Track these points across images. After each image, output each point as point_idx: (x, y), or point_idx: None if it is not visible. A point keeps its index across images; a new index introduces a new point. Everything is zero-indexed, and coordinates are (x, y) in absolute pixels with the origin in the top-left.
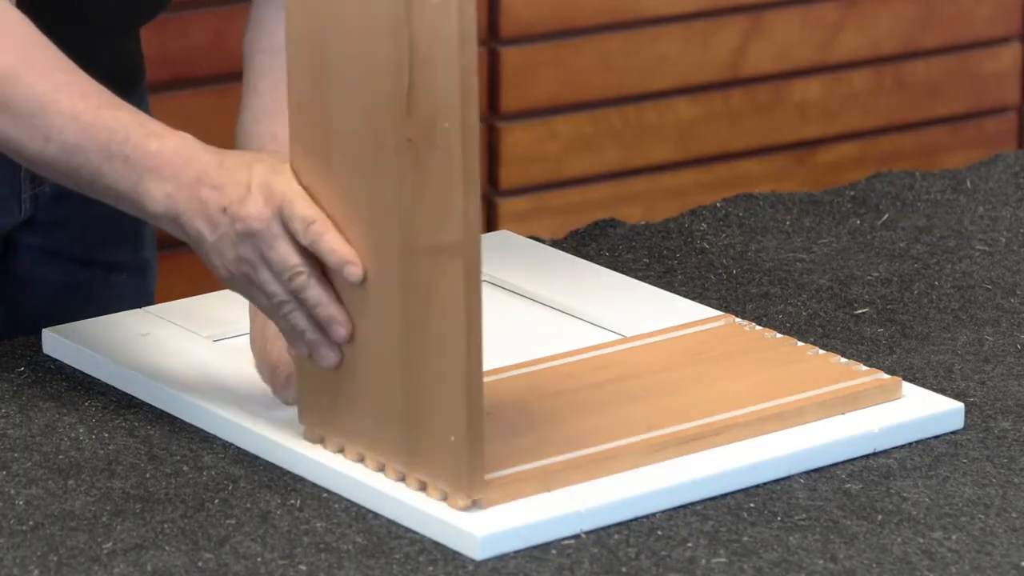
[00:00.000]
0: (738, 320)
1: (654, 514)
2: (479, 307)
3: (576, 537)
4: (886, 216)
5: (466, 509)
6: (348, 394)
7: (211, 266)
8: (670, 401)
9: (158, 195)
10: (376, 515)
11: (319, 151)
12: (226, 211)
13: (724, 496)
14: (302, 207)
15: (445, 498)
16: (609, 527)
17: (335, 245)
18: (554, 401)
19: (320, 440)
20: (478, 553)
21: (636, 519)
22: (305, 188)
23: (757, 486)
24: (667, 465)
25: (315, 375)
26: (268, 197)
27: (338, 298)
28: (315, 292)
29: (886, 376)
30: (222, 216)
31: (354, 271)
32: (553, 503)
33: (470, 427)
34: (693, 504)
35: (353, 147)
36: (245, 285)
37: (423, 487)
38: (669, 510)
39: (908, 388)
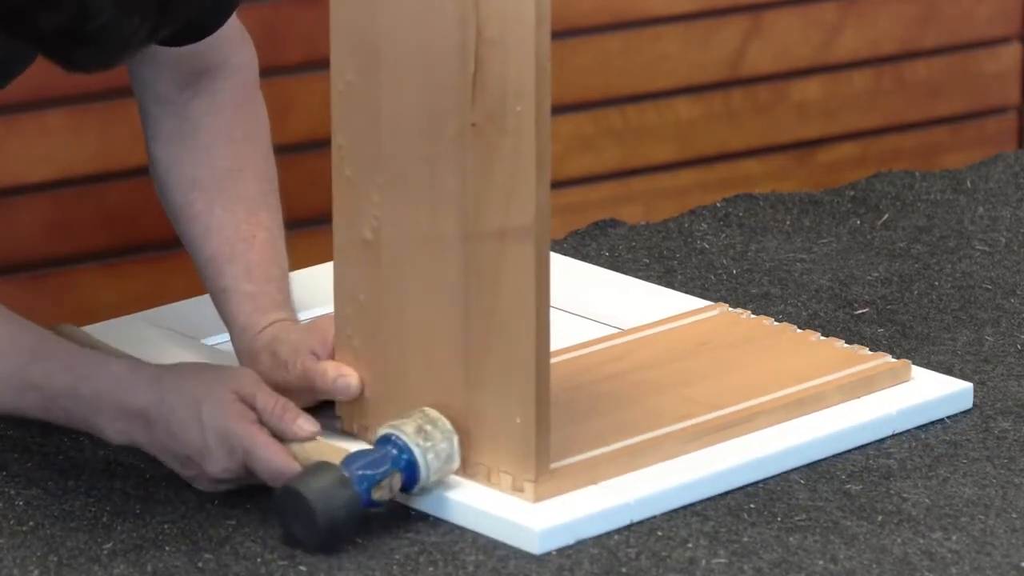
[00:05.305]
0: (730, 308)
1: (654, 516)
2: (548, 289)
3: (626, 528)
4: (886, 216)
5: (527, 491)
6: (397, 383)
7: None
8: (693, 391)
9: (111, 432)
10: (375, 515)
11: (367, 140)
12: (191, 459)
13: (724, 495)
14: (266, 457)
15: (505, 481)
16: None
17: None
18: (577, 394)
19: (362, 431)
20: (537, 547)
21: (639, 522)
22: (351, 180)
23: (756, 483)
24: (708, 452)
25: (359, 367)
26: (230, 451)
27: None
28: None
29: (894, 359)
30: (190, 463)
31: (308, 428)
32: (603, 495)
33: (538, 409)
34: (694, 504)
35: (406, 135)
36: None
37: (480, 470)
38: (669, 512)
39: (916, 371)
